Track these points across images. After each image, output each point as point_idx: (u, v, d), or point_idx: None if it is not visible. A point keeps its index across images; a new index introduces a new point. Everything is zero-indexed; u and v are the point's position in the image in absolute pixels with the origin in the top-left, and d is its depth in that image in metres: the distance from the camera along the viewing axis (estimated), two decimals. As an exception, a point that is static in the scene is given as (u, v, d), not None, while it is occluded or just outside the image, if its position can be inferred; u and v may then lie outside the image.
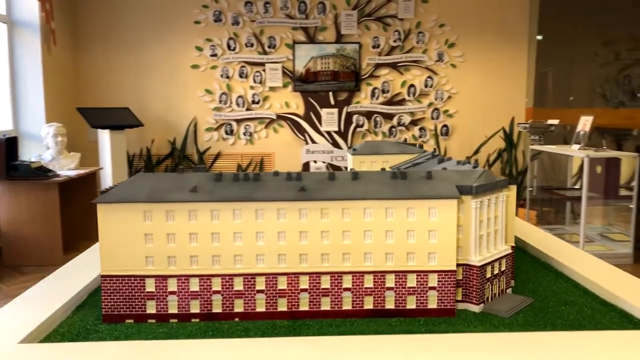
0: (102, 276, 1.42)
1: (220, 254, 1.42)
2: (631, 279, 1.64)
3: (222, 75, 7.33)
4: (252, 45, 7.30)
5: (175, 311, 1.43)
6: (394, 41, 7.29)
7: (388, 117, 7.39)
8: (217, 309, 1.44)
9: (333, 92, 7.36)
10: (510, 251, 1.60)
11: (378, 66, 7.33)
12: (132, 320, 1.43)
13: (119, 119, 6.74)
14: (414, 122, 7.43)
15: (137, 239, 1.41)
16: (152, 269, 1.42)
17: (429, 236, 1.42)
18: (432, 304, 1.45)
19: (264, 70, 7.33)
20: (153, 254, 1.42)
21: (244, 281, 1.43)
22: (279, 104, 7.41)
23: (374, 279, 1.44)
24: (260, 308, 1.44)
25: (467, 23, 7.28)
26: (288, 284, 1.44)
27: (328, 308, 1.45)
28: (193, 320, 1.43)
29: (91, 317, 1.47)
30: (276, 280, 1.43)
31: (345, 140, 7.42)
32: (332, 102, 7.39)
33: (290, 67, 7.32)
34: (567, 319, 1.43)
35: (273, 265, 1.43)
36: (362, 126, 7.40)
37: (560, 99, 7.92)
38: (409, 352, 1.21)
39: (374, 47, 7.30)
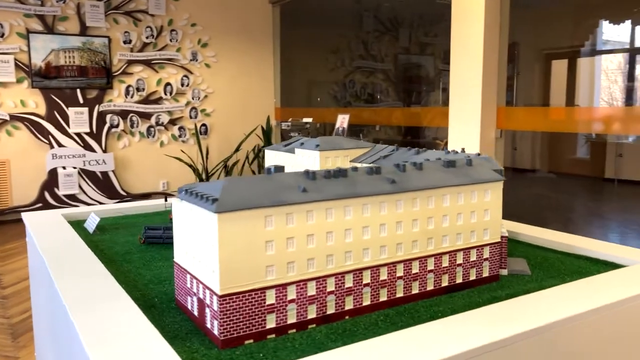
0: (221, 296, 1.23)
1: (334, 253, 1.38)
2: (554, 233, 2.15)
3: None
4: (-28, 31, 6.06)
5: (294, 320, 1.33)
6: (147, 37, 6.98)
7: (145, 116, 7.05)
8: (330, 310, 1.39)
9: (81, 89, 6.65)
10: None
11: (131, 63, 6.92)
12: (251, 340, 1.28)
13: None
14: (172, 122, 7.26)
15: (258, 248, 1.26)
16: (272, 279, 1.29)
17: (484, 214, 1.65)
18: (485, 273, 1.67)
19: (-9, 61, 6.17)
20: (273, 262, 1.29)
21: (353, 277, 1.42)
22: (12, 102, 6.34)
23: (449, 258, 1.59)
24: (366, 302, 1.45)
25: (218, 24, 7.45)
26: (388, 273, 1.48)
27: (417, 291, 1.54)
28: (310, 326, 1.36)
29: (195, 345, 1.25)
30: (379, 272, 1.46)
31: (99, 142, 6.79)
32: (81, 100, 6.67)
33: (26, 60, 6.34)
34: (566, 269, 1.82)
35: (376, 257, 1.45)
36: (117, 126, 6.89)
37: (303, 99, 8.78)
38: (518, 313, 1.41)
39: (125, 42, 6.86)
